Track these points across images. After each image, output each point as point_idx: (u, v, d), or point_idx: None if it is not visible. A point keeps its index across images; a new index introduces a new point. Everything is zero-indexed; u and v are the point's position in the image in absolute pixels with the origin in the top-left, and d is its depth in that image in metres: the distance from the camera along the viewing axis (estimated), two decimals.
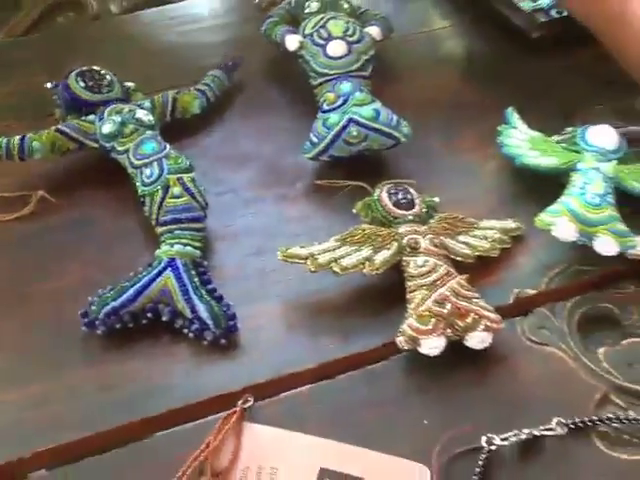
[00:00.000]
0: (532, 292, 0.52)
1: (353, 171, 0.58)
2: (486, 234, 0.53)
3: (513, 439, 0.45)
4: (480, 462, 0.44)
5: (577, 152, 0.56)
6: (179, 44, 0.70)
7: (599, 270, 0.53)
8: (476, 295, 0.49)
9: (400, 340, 0.47)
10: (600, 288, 0.52)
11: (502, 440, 0.44)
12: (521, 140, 0.58)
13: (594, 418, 0.46)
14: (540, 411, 0.46)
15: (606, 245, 0.51)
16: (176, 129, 0.61)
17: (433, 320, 0.47)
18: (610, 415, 0.46)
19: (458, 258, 0.52)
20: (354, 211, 0.54)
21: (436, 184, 0.59)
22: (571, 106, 0.65)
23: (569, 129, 0.59)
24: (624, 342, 0.50)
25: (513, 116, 0.60)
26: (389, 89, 0.66)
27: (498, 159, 0.60)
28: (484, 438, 0.44)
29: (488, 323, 0.48)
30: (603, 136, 0.57)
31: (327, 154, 0.58)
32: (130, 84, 0.62)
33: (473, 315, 0.48)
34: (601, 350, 0.49)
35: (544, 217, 0.52)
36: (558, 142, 0.58)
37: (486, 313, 0.48)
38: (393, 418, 0.46)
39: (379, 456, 0.44)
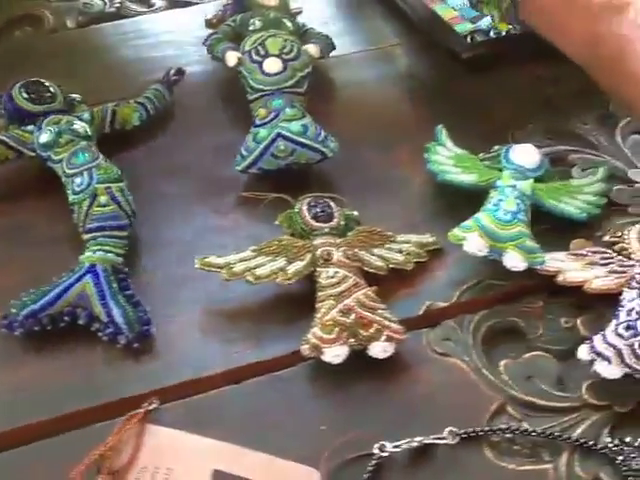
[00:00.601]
0: (442, 305, 0.53)
1: (284, 184, 0.60)
2: (402, 247, 0.55)
3: (405, 446, 0.46)
4: (369, 468, 0.45)
5: (500, 170, 0.58)
6: (131, 58, 0.72)
7: (510, 285, 0.54)
8: (381, 306, 0.50)
9: (304, 348, 0.49)
10: (509, 302, 0.54)
11: (394, 447, 0.46)
12: (447, 157, 0.60)
13: (485, 428, 0.47)
14: (436, 420, 0.47)
15: (514, 260, 0.53)
16: (116, 140, 0.63)
17: (336, 329, 0.49)
18: (503, 426, 0.47)
19: (372, 270, 0.53)
20: (276, 223, 0.56)
21: (363, 198, 0.60)
22: (505, 125, 0.66)
23: (496, 147, 0.61)
24: (527, 355, 0.51)
25: (442, 133, 0.62)
26: (330, 104, 0.68)
27: (427, 175, 0.61)
28: (376, 445, 0.46)
29: (390, 333, 0.49)
30: (524, 155, 0.58)
31: (256, 167, 0.60)
32: (76, 96, 0.64)
33: (376, 325, 0.49)
34: (502, 362, 0.50)
35: (456, 232, 0.54)
36: (483, 160, 0.60)
37: (389, 324, 0.49)
38: (293, 423, 0.48)
39: (273, 460, 0.45)
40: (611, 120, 0.67)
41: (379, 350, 0.49)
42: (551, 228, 0.57)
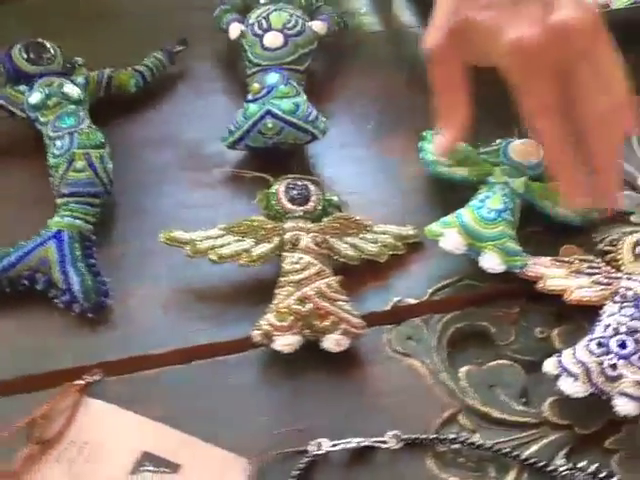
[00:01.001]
0: (412, 302, 0.51)
1: (273, 163, 0.58)
2: (378, 238, 0.53)
3: (343, 446, 0.44)
4: (301, 465, 0.43)
5: (497, 165, 0.55)
6: (142, 24, 0.71)
7: (487, 287, 0.52)
8: (342, 298, 0.48)
9: (255, 334, 0.47)
10: (483, 305, 0.51)
11: (331, 446, 0.44)
12: None
13: (431, 436, 0.45)
14: (383, 422, 0.45)
15: (491, 262, 0.50)
16: (111, 106, 0.62)
17: (291, 318, 0.47)
18: (451, 435, 0.45)
19: (342, 259, 0.51)
20: (254, 202, 0.54)
21: (351, 183, 0.58)
22: (512, 119, 0.63)
23: (498, 141, 0.57)
24: (492, 363, 0.48)
25: None
26: (333, 84, 0.66)
27: (420, 165, 0.58)
28: (313, 442, 0.44)
29: (347, 327, 0.47)
30: (523, 151, 0.55)
31: (243, 143, 0.58)
32: (78, 59, 0.63)
33: (333, 317, 0.47)
34: (464, 368, 0.48)
35: (434, 227, 0.51)
36: (482, 153, 0.56)
37: (347, 316, 0.47)
38: (233, 410, 0.46)
39: (203, 445, 0.44)
40: None
41: (332, 343, 0.47)
42: (542, 231, 0.54)
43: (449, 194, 0.56)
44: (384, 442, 0.44)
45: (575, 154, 0.46)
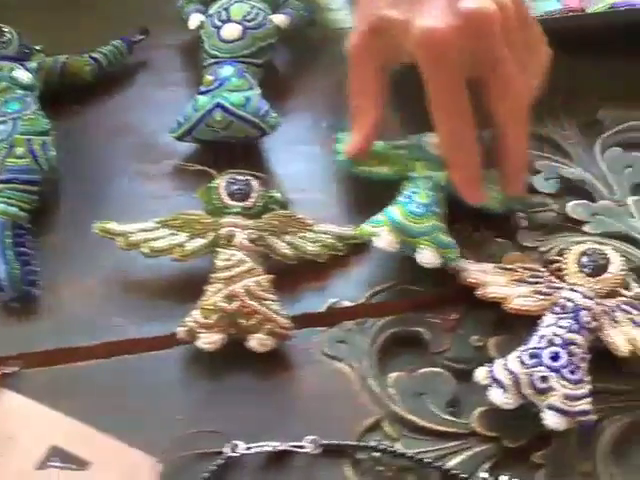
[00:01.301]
0: (347, 304, 0.49)
1: (227, 158, 0.57)
2: (318, 238, 0.51)
3: (259, 449, 0.43)
4: (212, 467, 0.42)
5: (417, 160, 0.53)
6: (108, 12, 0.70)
7: (427, 292, 0.50)
8: (271, 297, 0.47)
9: (180, 330, 0.46)
10: (421, 311, 0.49)
11: (247, 449, 0.43)
12: None
13: (351, 443, 0.43)
14: (304, 426, 0.44)
15: (427, 257, 0.48)
16: (68, 95, 0.61)
17: (216, 315, 0.46)
18: (372, 443, 0.43)
19: (278, 258, 0.50)
20: (196, 196, 0.53)
21: (301, 181, 0.57)
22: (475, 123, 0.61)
23: (412, 136, 0.56)
24: (423, 370, 0.47)
25: None
26: (294, 80, 0.65)
27: None
28: (228, 444, 0.43)
29: (273, 327, 0.46)
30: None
31: (191, 136, 0.57)
32: (37, 47, 0.62)
33: (259, 316, 0.46)
34: (393, 375, 0.46)
35: (365, 227, 0.50)
36: (398, 149, 0.55)
37: (274, 316, 0.46)
38: (151, 408, 0.45)
39: (115, 444, 0.43)
40: (596, 128, 0.61)
41: (257, 343, 0.46)
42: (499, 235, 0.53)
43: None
44: (302, 447, 0.43)
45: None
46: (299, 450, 0.43)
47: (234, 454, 0.43)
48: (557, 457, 0.43)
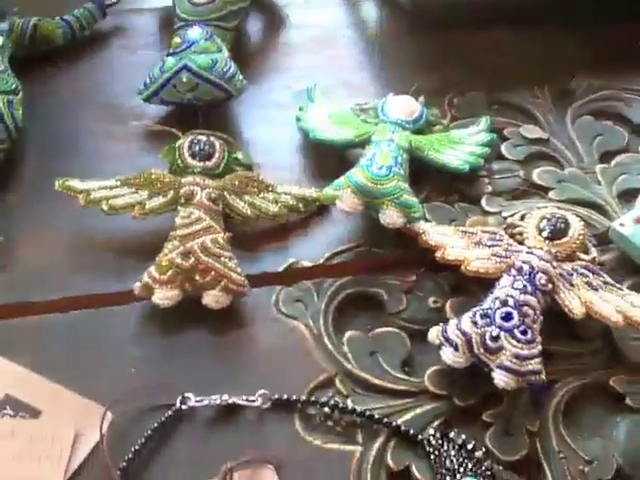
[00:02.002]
0: (306, 264, 0.50)
1: (195, 120, 0.57)
2: (279, 199, 0.51)
3: (209, 402, 0.43)
4: (162, 419, 0.42)
5: (379, 123, 0.53)
6: None
7: (386, 254, 0.50)
8: (227, 254, 0.47)
9: (136, 286, 0.46)
10: (380, 272, 0.49)
11: (197, 401, 0.43)
12: (322, 115, 0.56)
13: (302, 398, 0.43)
14: (257, 382, 0.44)
15: (390, 217, 0.49)
16: (42, 58, 0.61)
17: (171, 271, 0.46)
18: (323, 399, 0.43)
19: (237, 217, 0.50)
20: (160, 156, 0.53)
21: (267, 145, 0.57)
22: (447, 89, 0.62)
23: (371, 101, 0.56)
24: (378, 330, 0.47)
25: (314, 92, 0.58)
26: (266, 46, 0.65)
27: None
28: (179, 397, 0.43)
29: (228, 284, 0.46)
30: (401, 106, 0.54)
31: (158, 97, 0.57)
32: (14, 8, 0.62)
33: (214, 273, 0.46)
34: (348, 334, 0.46)
35: (328, 191, 0.50)
36: (359, 114, 0.55)
37: (229, 273, 0.46)
38: (105, 361, 0.45)
39: (67, 394, 0.43)
40: (568, 97, 0.61)
41: (212, 299, 0.46)
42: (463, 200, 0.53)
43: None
44: (252, 401, 0.43)
45: None
46: (249, 404, 0.43)
47: (184, 406, 0.43)
48: (507, 416, 0.43)
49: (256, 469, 0.41)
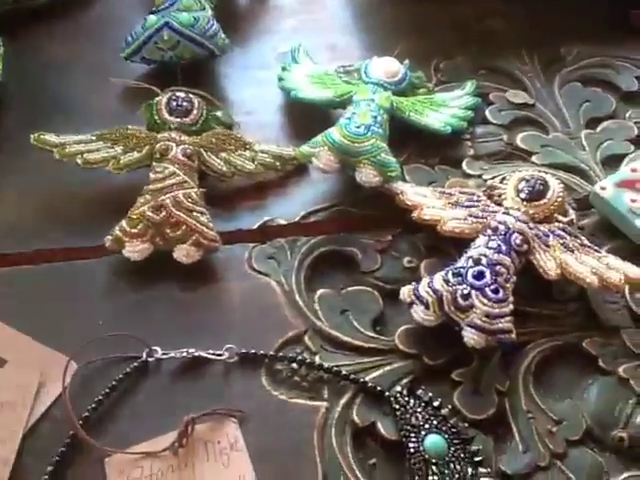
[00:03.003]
0: (281, 222, 0.49)
1: (177, 79, 0.56)
2: (256, 157, 0.51)
3: (175, 355, 0.43)
4: (127, 370, 0.42)
5: (360, 84, 0.53)
6: None
7: (362, 214, 0.50)
8: (200, 209, 0.47)
9: (107, 239, 0.46)
10: (355, 232, 0.49)
11: (163, 354, 0.42)
12: (304, 75, 0.55)
13: (269, 353, 0.43)
14: (226, 337, 0.44)
15: (367, 176, 0.48)
16: (30, 17, 0.61)
17: (142, 225, 0.45)
18: (290, 355, 0.43)
19: (213, 174, 0.50)
20: (138, 113, 0.52)
21: (249, 104, 0.57)
22: (435, 52, 0.61)
23: (355, 63, 0.55)
24: (351, 289, 0.46)
25: (298, 52, 0.57)
26: (253, 6, 0.64)
27: None
28: (146, 350, 0.42)
29: (199, 238, 0.46)
30: (383, 68, 0.54)
31: (139, 55, 0.56)
32: None
33: (185, 227, 0.46)
34: (320, 292, 0.46)
35: (304, 148, 0.49)
36: (340, 75, 0.54)
37: (201, 228, 0.46)
38: (74, 314, 0.45)
39: (33, 344, 0.43)
40: (557, 64, 0.60)
41: (183, 254, 0.46)
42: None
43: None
44: (219, 355, 0.43)
45: None
46: (216, 358, 0.43)
47: (150, 359, 0.42)
48: (476, 376, 0.43)
49: (218, 421, 0.40)
